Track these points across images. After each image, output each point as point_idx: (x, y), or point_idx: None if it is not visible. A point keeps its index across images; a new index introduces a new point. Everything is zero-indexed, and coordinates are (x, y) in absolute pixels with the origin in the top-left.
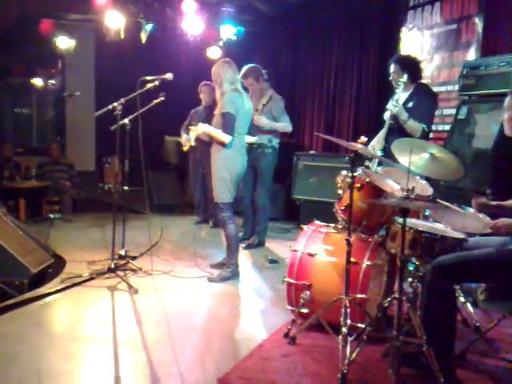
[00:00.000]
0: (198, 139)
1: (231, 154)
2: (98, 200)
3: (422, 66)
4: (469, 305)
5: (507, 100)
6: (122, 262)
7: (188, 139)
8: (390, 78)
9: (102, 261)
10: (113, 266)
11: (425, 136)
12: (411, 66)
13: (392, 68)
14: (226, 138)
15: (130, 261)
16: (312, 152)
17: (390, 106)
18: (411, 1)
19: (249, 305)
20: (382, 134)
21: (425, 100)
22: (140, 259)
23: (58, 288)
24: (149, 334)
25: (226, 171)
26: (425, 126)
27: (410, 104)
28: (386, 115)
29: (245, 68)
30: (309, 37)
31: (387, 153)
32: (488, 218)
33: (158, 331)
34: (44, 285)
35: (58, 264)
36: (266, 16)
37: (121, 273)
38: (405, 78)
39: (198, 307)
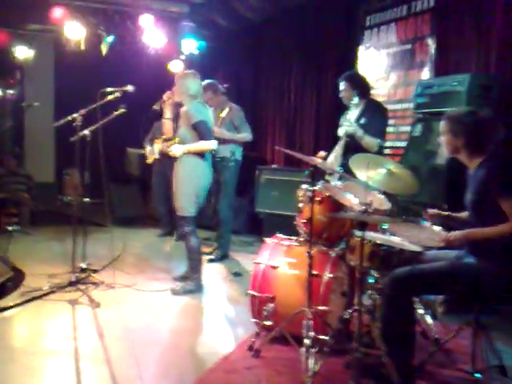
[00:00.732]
0: (162, 152)
1: (205, 165)
2: (58, 212)
3: (378, 84)
4: (428, 317)
5: (442, 124)
6: (84, 275)
7: (152, 152)
8: (341, 96)
9: (63, 274)
10: (74, 280)
11: (380, 150)
12: (360, 83)
13: (342, 86)
14: (211, 144)
15: (92, 274)
16: (274, 166)
17: (344, 126)
18: (368, 21)
19: (213, 318)
20: (338, 151)
21: (377, 115)
22: (102, 272)
23: (18, 302)
24: (111, 348)
25: (192, 185)
26: (380, 140)
27: (363, 120)
28: (341, 132)
29: (202, 83)
30: (269, 53)
31: (346, 169)
32: (443, 232)
33: (120, 345)
34: (3, 298)
35: (18, 277)
36: (228, 31)
37: (82, 286)
38: (356, 99)
39: (162, 321)
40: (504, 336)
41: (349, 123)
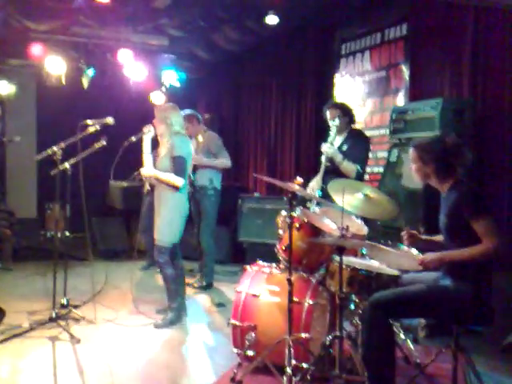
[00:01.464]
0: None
1: (181, 197)
2: (40, 248)
3: (355, 111)
4: (409, 341)
5: (410, 153)
6: (64, 311)
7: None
8: (335, 124)
9: (44, 310)
10: (54, 316)
11: (359, 177)
12: (350, 111)
13: (335, 113)
14: (178, 181)
15: (73, 309)
16: (256, 194)
17: (324, 148)
18: (343, 49)
19: (196, 350)
20: (319, 175)
21: (358, 143)
22: (83, 308)
23: None
24: None
25: (176, 214)
26: (359, 166)
27: (345, 147)
28: (323, 157)
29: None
30: (249, 83)
31: (325, 193)
32: (420, 255)
33: (102, 382)
34: None
35: None
36: (208, 63)
37: (62, 322)
38: (337, 121)
39: (144, 355)
40: (484, 359)
41: (330, 145)
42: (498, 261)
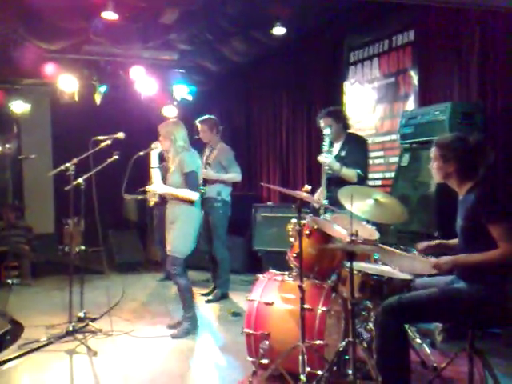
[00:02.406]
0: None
1: (195, 210)
2: (58, 262)
3: (365, 117)
4: (425, 346)
5: (432, 151)
6: (81, 324)
7: (154, 193)
8: (329, 133)
9: (61, 324)
10: (71, 329)
11: (362, 180)
12: (344, 117)
13: (328, 122)
14: (194, 196)
15: (90, 323)
16: (270, 203)
17: (321, 158)
18: (351, 57)
19: (211, 360)
20: (322, 186)
21: (356, 147)
22: (100, 320)
23: (16, 355)
24: None
25: (190, 226)
26: (359, 170)
27: (343, 153)
28: (325, 167)
29: (205, 116)
30: (259, 93)
31: (332, 201)
32: (433, 258)
33: None
34: (1, 352)
35: (16, 330)
36: (217, 75)
37: (80, 335)
38: (327, 130)
39: (160, 367)
40: (503, 361)
41: (326, 155)
42: None
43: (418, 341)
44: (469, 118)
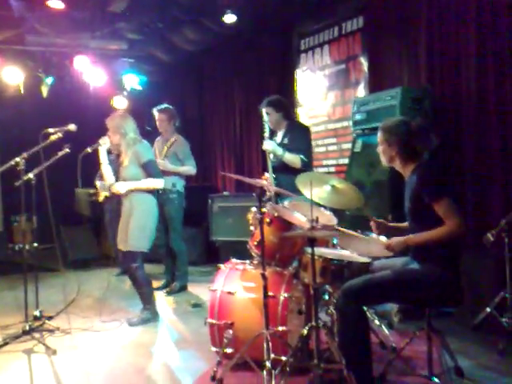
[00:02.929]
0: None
1: (153, 201)
2: (8, 262)
3: (317, 104)
4: (384, 327)
5: (378, 135)
6: (38, 323)
7: (103, 187)
8: (267, 121)
9: (17, 324)
10: (27, 329)
11: (306, 166)
12: (284, 106)
13: (267, 111)
14: (159, 183)
15: (46, 321)
16: (226, 193)
17: (264, 146)
18: (302, 44)
19: (173, 352)
20: (269, 172)
21: (298, 134)
22: (57, 318)
23: None
24: None
25: (148, 218)
26: (302, 155)
27: (286, 140)
28: (271, 155)
29: (164, 104)
30: (212, 83)
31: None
32: (385, 239)
33: None
34: None
35: None
36: (168, 65)
37: (37, 335)
38: (266, 118)
39: (121, 361)
40: (456, 339)
41: (268, 142)
42: (462, 241)
43: (377, 322)
44: (418, 103)
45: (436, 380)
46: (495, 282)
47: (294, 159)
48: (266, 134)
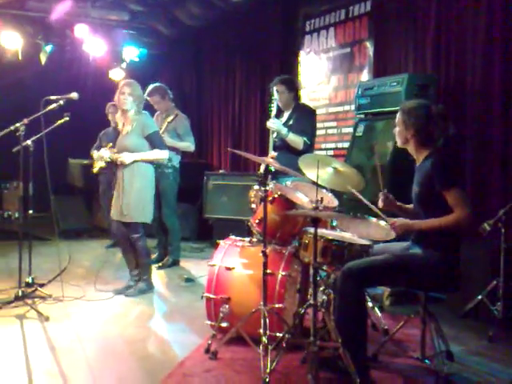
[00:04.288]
0: (109, 160)
1: (153, 172)
2: None
3: (319, 87)
4: (376, 309)
5: (398, 115)
6: (30, 289)
7: (100, 157)
8: (278, 98)
9: (8, 290)
10: (20, 295)
11: (308, 148)
12: (296, 87)
13: (280, 89)
14: (164, 154)
15: (39, 288)
16: (221, 171)
17: (269, 124)
18: (307, 26)
19: (166, 325)
20: (270, 151)
21: (304, 116)
22: (49, 286)
23: None
24: (64, 360)
25: (149, 190)
26: (306, 138)
27: (291, 121)
28: (274, 134)
29: (151, 86)
30: (212, 59)
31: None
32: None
33: (73, 357)
34: None
35: None
36: (169, 39)
37: (29, 301)
38: (276, 96)
39: (114, 331)
40: (447, 325)
41: (273, 120)
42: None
43: (370, 304)
44: (424, 91)
45: (428, 362)
46: (489, 272)
47: (297, 140)
48: (273, 113)
